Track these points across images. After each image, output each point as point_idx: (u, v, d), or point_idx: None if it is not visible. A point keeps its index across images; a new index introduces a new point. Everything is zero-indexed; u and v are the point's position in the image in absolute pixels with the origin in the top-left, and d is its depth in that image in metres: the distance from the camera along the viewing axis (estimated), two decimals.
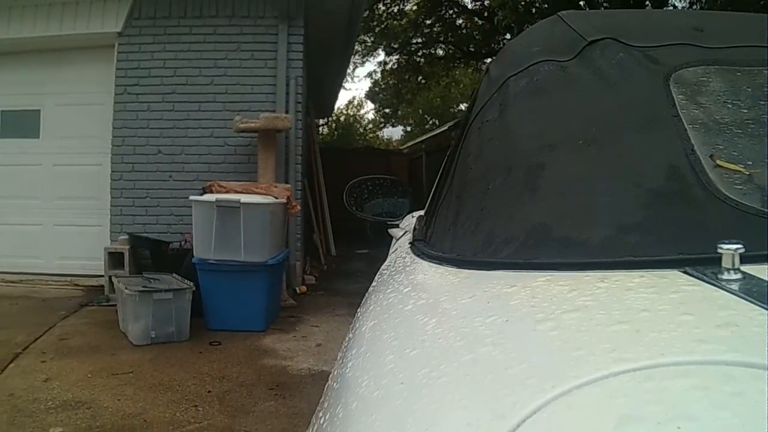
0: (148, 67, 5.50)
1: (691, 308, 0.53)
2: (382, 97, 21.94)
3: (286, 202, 4.71)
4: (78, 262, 5.62)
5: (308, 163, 7.24)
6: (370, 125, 25.64)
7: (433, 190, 1.33)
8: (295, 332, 4.29)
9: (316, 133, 10.80)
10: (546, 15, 1.13)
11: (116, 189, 5.51)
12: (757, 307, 0.49)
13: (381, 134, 25.91)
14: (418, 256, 1.00)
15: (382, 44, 15.34)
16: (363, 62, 20.45)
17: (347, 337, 0.86)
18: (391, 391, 0.53)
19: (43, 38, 5.54)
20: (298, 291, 5.60)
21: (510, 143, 0.91)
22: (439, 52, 15.80)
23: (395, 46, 15.08)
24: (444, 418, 0.45)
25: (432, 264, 0.90)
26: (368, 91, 23.58)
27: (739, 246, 0.55)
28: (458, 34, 14.48)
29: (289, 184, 5.14)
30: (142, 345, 3.72)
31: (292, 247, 5.45)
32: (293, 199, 4.92)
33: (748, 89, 0.82)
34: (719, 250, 0.56)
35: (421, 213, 1.54)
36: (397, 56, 15.82)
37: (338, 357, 0.83)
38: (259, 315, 4.23)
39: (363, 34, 13.55)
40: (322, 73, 7.92)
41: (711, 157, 0.73)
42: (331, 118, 19.83)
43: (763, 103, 0.79)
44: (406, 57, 15.42)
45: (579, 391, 0.41)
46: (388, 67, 16.82)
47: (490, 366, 0.50)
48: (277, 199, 4.52)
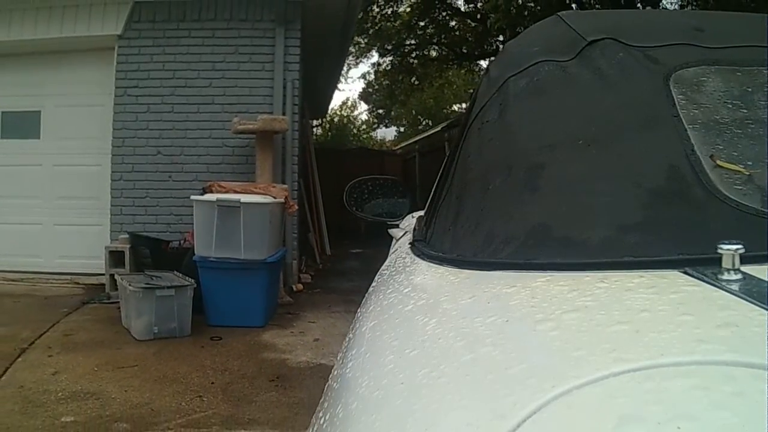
0: (148, 70, 5.51)
1: (691, 308, 0.53)
2: (375, 98, 21.96)
3: (284, 201, 4.75)
4: (78, 261, 5.63)
5: (304, 164, 7.26)
6: (364, 126, 25.59)
7: (432, 191, 1.33)
8: (293, 328, 4.34)
9: (311, 134, 10.80)
10: (538, 18, 1.13)
11: (116, 189, 5.53)
12: (757, 308, 0.48)
13: (374, 135, 25.89)
14: (418, 256, 1.00)
15: (376, 46, 15.35)
16: (357, 63, 20.52)
17: (347, 337, 0.86)
18: (391, 391, 0.53)
19: (44, 40, 5.55)
20: (295, 289, 5.64)
21: (510, 143, 0.91)
22: (433, 54, 15.81)
23: (389, 48, 15.08)
24: (444, 418, 0.45)
25: (432, 264, 0.90)
26: (362, 92, 23.64)
27: (739, 246, 0.55)
28: (451, 36, 14.47)
29: (286, 185, 5.17)
30: (145, 340, 3.78)
31: (289, 246, 5.47)
32: (290, 199, 4.96)
33: (748, 89, 0.82)
34: (719, 251, 0.56)
35: (421, 213, 1.54)
36: (390, 57, 15.82)
37: (338, 357, 0.83)
38: (259, 311, 4.27)
39: (357, 36, 13.53)
40: (316, 75, 7.93)
41: (711, 157, 0.72)
42: (326, 118, 19.79)
43: (763, 103, 0.79)
44: (399, 58, 15.39)
45: (579, 391, 0.41)
46: (382, 69, 16.83)
47: (490, 366, 0.50)
48: (276, 199, 4.56)
